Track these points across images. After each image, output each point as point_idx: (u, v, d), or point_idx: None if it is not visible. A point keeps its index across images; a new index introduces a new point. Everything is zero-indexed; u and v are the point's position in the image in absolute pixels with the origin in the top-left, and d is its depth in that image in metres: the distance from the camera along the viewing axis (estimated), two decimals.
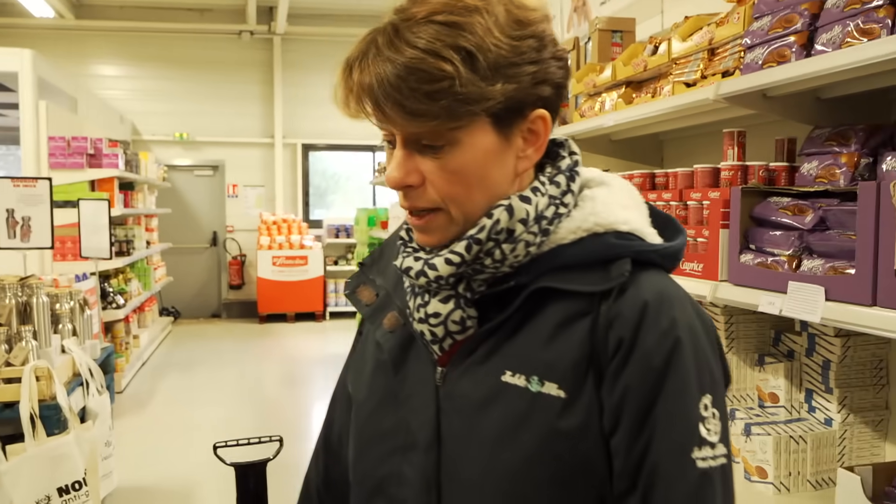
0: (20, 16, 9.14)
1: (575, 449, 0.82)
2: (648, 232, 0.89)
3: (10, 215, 3.60)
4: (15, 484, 2.52)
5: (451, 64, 0.77)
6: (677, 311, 0.83)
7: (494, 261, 0.85)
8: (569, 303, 0.84)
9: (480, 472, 0.84)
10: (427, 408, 0.88)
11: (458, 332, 0.87)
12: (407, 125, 0.80)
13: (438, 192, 0.83)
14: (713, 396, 0.82)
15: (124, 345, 6.30)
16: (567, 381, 0.82)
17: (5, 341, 2.77)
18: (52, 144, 5.86)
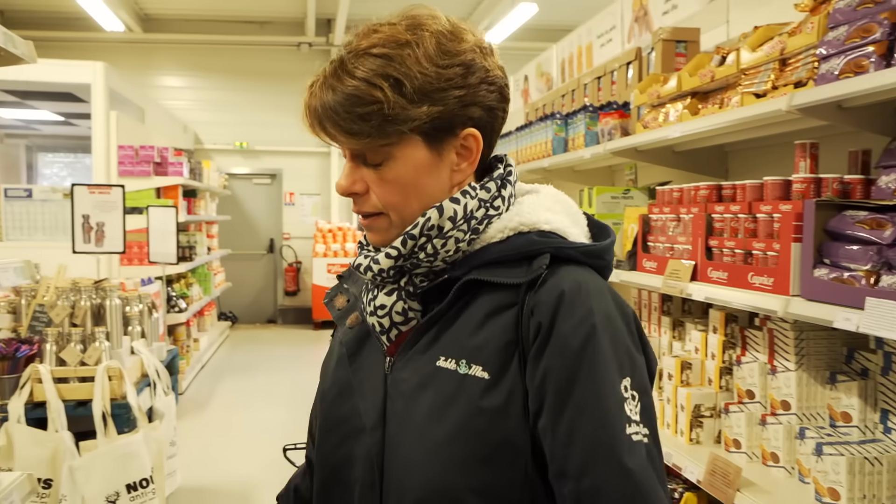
0: (92, 30, 9.51)
1: (496, 426, 0.88)
2: (572, 232, 0.98)
3: (86, 221, 3.76)
4: (87, 479, 2.62)
5: (381, 90, 0.88)
6: (594, 301, 0.90)
7: (427, 255, 0.94)
8: (498, 294, 0.93)
9: (414, 448, 0.92)
10: (375, 393, 0.97)
11: (401, 322, 0.97)
12: (346, 142, 0.93)
13: (379, 199, 0.95)
14: (632, 379, 0.89)
15: (185, 348, 6.47)
16: (491, 364, 0.90)
17: (80, 342, 2.88)
18: (122, 153, 6.07)
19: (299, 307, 10.43)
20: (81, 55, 8.72)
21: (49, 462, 2.60)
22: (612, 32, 4.20)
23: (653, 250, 2.45)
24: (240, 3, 9.64)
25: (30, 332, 3.08)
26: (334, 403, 1.03)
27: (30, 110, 8.39)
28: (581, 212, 1.04)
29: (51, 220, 5.71)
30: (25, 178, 10.88)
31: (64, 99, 7.48)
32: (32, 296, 3.21)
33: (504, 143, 4.38)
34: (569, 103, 3.89)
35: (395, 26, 0.93)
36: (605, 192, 2.90)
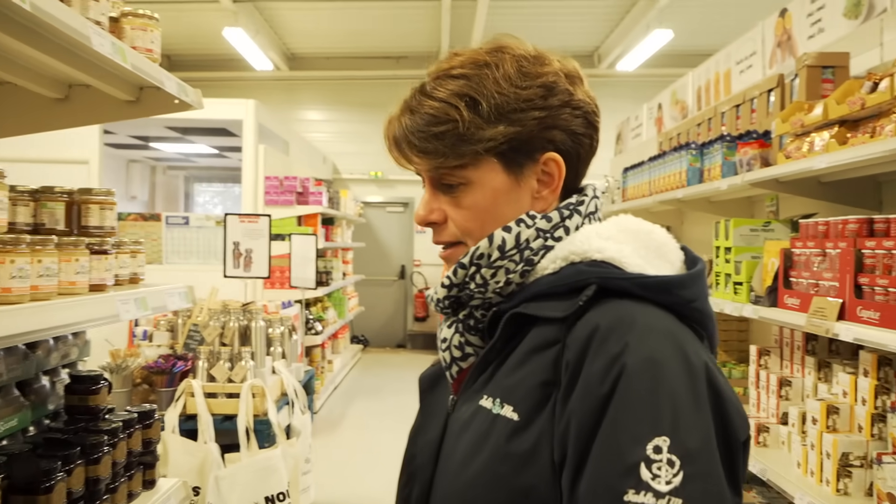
0: (245, 69, 10.27)
1: (522, 475, 0.79)
2: (632, 262, 0.85)
3: (237, 247, 4.05)
4: (231, 489, 2.79)
5: (457, 109, 0.87)
6: (636, 339, 0.77)
7: (477, 285, 0.89)
8: (543, 329, 0.84)
9: (447, 491, 0.87)
10: (435, 432, 0.95)
11: (460, 358, 0.93)
12: (421, 163, 0.91)
13: (457, 227, 0.92)
14: (672, 441, 0.72)
15: (320, 369, 6.76)
16: (522, 405, 0.81)
17: (228, 360, 3.09)
18: (268, 183, 6.48)
19: (428, 333, 10.63)
20: (235, 93, 9.43)
21: (198, 471, 2.79)
22: (753, 58, 4.06)
23: (795, 286, 2.34)
24: (378, 39, 10.10)
25: (185, 349, 3.35)
26: (410, 441, 1.01)
27: (189, 144, 9.16)
28: (676, 245, 0.92)
29: (204, 245, 6.17)
30: (183, 206, 11.84)
31: (218, 134, 8.11)
32: (188, 316, 3.49)
33: (636, 174, 4.31)
34: (705, 132, 3.78)
35: (476, 50, 0.93)
36: (743, 225, 2.79)
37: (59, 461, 1.22)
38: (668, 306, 0.83)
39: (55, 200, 1.47)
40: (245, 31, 8.29)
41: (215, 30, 8.51)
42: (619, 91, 10.36)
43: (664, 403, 0.74)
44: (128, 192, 10.44)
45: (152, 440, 1.60)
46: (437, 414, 0.97)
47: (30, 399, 1.45)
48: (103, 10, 1.40)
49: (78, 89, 1.75)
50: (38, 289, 1.16)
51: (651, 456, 0.72)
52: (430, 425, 0.96)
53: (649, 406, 0.74)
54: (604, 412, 0.74)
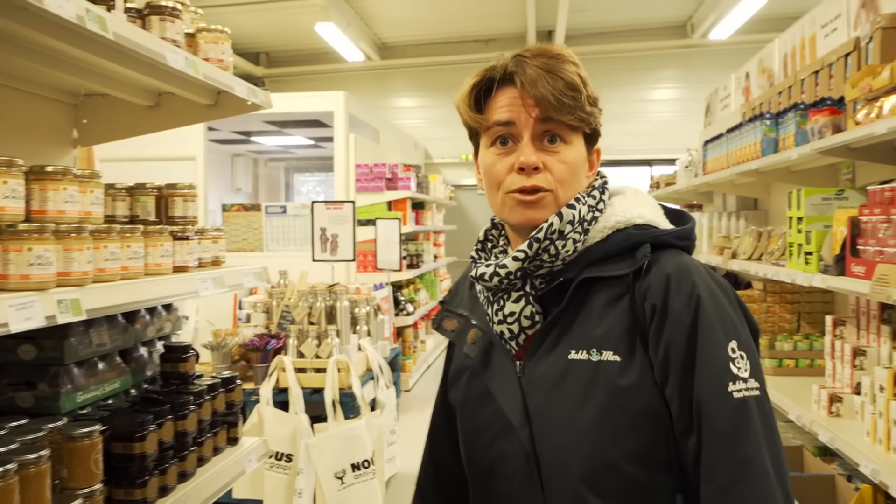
0: (336, 62, 10.63)
1: (636, 400, 1.00)
2: (661, 222, 1.10)
3: (323, 233, 4.30)
4: (320, 456, 3.03)
5: (582, 83, 1.08)
6: (696, 277, 1.02)
7: (550, 255, 1.06)
8: (609, 287, 1.05)
9: (567, 434, 1.02)
10: (514, 395, 1.08)
11: (528, 327, 1.08)
12: (553, 112, 1.06)
13: (555, 175, 1.08)
14: (737, 341, 1.00)
15: (413, 348, 7.00)
16: (619, 347, 1.02)
17: (316, 337, 3.33)
18: (358, 171, 6.75)
19: None
20: (329, 85, 9.81)
21: (290, 439, 3.05)
22: (837, 21, 3.90)
23: (862, 254, 2.31)
24: (465, 23, 10.20)
25: (278, 328, 3.62)
26: (474, 412, 1.14)
27: (286, 137, 9.61)
28: (657, 202, 1.17)
29: (301, 232, 6.51)
30: (283, 196, 12.42)
31: (313, 125, 8.47)
32: (281, 298, 3.76)
33: (716, 146, 4.25)
34: (785, 100, 3.69)
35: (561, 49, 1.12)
36: (814, 194, 2.75)
37: (152, 416, 1.43)
38: (687, 249, 1.10)
39: (146, 195, 1.70)
40: (336, 25, 8.59)
41: (308, 25, 8.86)
42: (713, 61, 10.04)
43: (726, 317, 1.01)
44: (233, 185, 11.06)
45: (235, 402, 1.81)
46: (507, 380, 1.09)
47: (130, 366, 1.69)
48: (179, 29, 1.60)
49: (165, 97, 1.98)
50: (127, 269, 1.37)
51: (731, 355, 0.99)
52: (504, 392, 1.09)
53: (719, 322, 1.00)
54: (695, 334, 0.99)
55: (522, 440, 1.06)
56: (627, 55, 10.57)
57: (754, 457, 0.94)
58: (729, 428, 0.95)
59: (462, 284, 1.28)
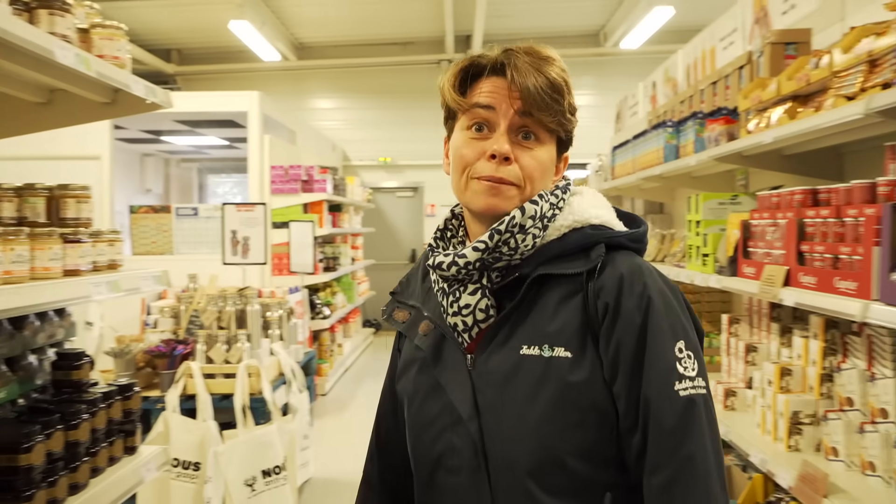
0: (252, 61, 10.43)
1: (585, 396, 1.02)
2: (616, 223, 1.14)
3: (234, 236, 4.21)
4: (229, 463, 2.97)
5: (566, 88, 1.11)
6: (647, 279, 1.06)
7: (510, 248, 1.07)
8: (563, 285, 1.07)
9: (516, 428, 1.04)
10: (464, 388, 1.09)
11: (482, 320, 1.09)
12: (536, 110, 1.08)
13: (525, 170, 1.09)
14: (685, 341, 1.04)
15: (329, 352, 6.93)
16: (571, 344, 1.04)
17: (225, 342, 3.26)
18: (273, 173, 6.64)
19: None
20: (245, 85, 9.60)
21: (198, 447, 2.97)
22: (734, 35, 4.11)
23: (752, 256, 2.44)
24: (384, 26, 10.19)
25: (187, 333, 3.52)
26: (423, 405, 1.14)
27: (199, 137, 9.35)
28: (611, 206, 1.20)
29: (215, 235, 6.35)
30: (197, 197, 12.06)
31: (227, 125, 8.27)
32: (190, 302, 3.66)
33: (623, 151, 4.40)
34: (687, 109, 3.86)
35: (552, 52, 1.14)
36: (711, 199, 2.89)
37: (39, 426, 1.37)
38: (638, 251, 1.13)
39: (36, 196, 1.62)
40: (251, 24, 8.42)
41: (222, 22, 8.65)
42: (625, 69, 10.38)
43: (675, 318, 1.05)
44: (143, 186, 10.67)
45: (133, 410, 1.75)
46: (455, 374, 1.10)
47: (18, 374, 1.61)
48: (70, 24, 1.54)
49: (58, 94, 1.90)
50: (10, 273, 1.31)
51: (678, 355, 1.02)
52: (453, 385, 1.10)
53: (668, 323, 1.03)
54: (645, 334, 1.02)
55: (471, 433, 1.07)
56: None
57: (698, 454, 0.98)
58: (675, 426, 0.98)
59: (414, 276, 1.27)
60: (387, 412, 1.33)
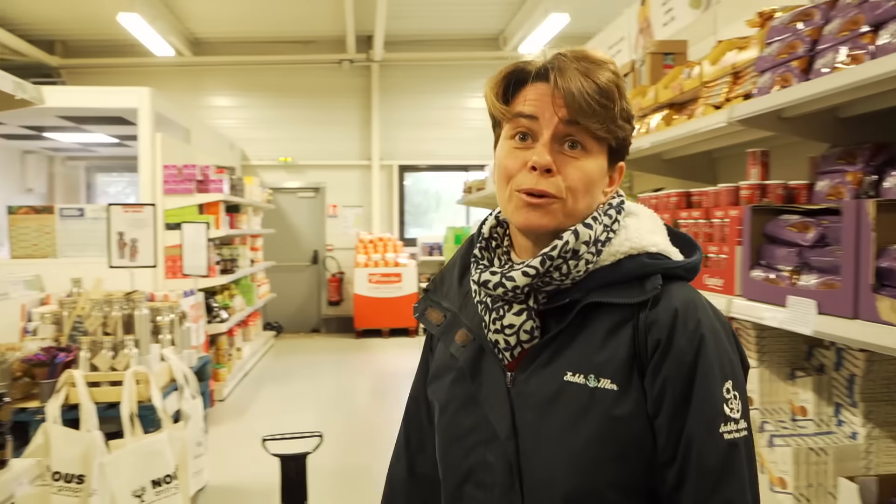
0: (143, 55, 10.02)
1: (628, 430, 1.00)
2: (672, 251, 1.09)
3: (121, 237, 4.05)
4: (116, 474, 2.86)
5: (617, 93, 1.04)
6: (701, 315, 1.02)
7: (561, 274, 1.03)
8: (614, 313, 1.03)
9: (555, 454, 1.02)
10: (502, 406, 1.06)
11: (526, 340, 1.06)
12: (582, 117, 1.01)
13: (567, 181, 1.03)
14: (733, 381, 1.02)
15: (227, 356, 6.76)
16: (617, 376, 1.01)
17: (111, 349, 3.13)
18: (166, 172, 6.42)
19: (342, 316, 10.71)
20: (137, 79, 9.21)
21: (82, 459, 2.84)
22: (622, 44, 4.30)
23: None
24: (284, 24, 10.01)
25: (70, 340, 3.36)
26: (457, 416, 1.12)
27: (86, 134, 8.91)
28: (664, 225, 1.15)
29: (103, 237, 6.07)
30: (85, 197, 11.48)
31: (116, 122, 7.92)
32: (73, 308, 3.49)
33: None
34: None
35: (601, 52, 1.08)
36: None
37: None
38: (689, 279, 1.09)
39: None
40: (142, 17, 8.09)
41: (111, 14, 8.27)
42: None
43: (724, 356, 1.02)
44: (23, 185, 10.06)
45: (1, 423, 1.67)
46: (494, 390, 1.08)
47: None
48: None
49: None
50: None
51: (725, 396, 1.00)
52: (492, 400, 1.07)
53: (718, 361, 1.01)
54: (695, 372, 0.99)
55: (507, 452, 1.05)
56: (445, 64, 10.90)
57: (737, 499, 0.98)
58: (716, 469, 0.97)
59: (449, 274, 1.22)
60: (417, 413, 1.29)
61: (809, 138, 1.89)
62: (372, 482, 4.61)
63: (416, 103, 10.94)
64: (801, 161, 2.10)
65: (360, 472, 4.78)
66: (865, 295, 1.34)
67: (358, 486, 4.52)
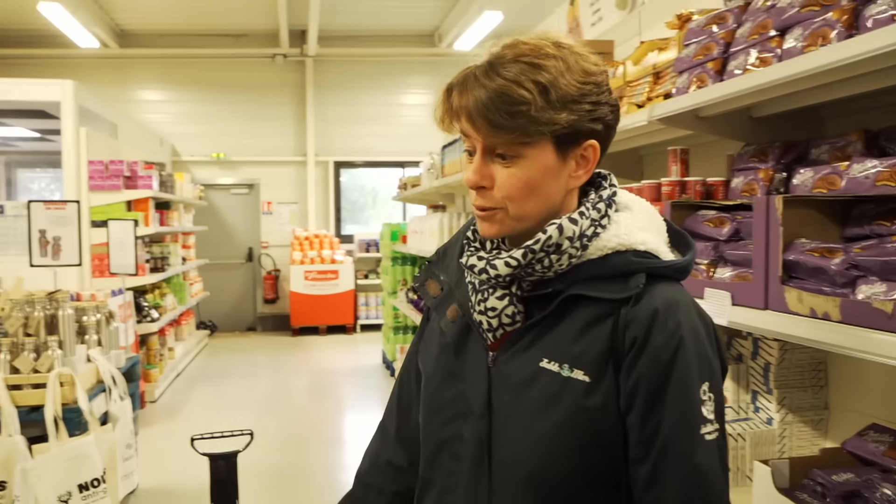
0: (66, 46, 9.65)
1: (595, 422, 1.02)
2: (663, 250, 1.08)
3: (43, 235, 3.91)
4: (40, 480, 2.77)
5: (530, 93, 0.98)
6: (682, 315, 1.02)
7: (543, 267, 1.05)
8: (595, 307, 1.04)
9: (522, 436, 1.05)
10: (481, 383, 1.10)
11: (508, 324, 1.08)
12: (491, 136, 1.01)
13: (503, 193, 1.04)
14: (710, 383, 1.02)
15: (159, 356, 6.60)
16: (591, 369, 1.02)
17: (34, 350, 3.03)
18: (92, 168, 6.21)
19: (278, 314, 10.58)
20: (55, 72, 8.85)
21: (2, 465, 2.74)
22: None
23: None
24: (215, 17, 9.80)
25: None
26: (439, 388, 1.16)
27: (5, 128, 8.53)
28: (663, 221, 1.14)
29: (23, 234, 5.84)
30: (6, 194, 11.00)
31: (37, 116, 7.62)
32: None
33: (451, 150, 4.55)
34: None
35: (541, 42, 1.02)
36: None
37: None
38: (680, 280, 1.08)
39: None
40: (63, 6, 7.79)
41: (31, 3, 7.94)
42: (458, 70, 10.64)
43: (702, 358, 1.02)
44: None
45: None
46: (476, 367, 1.11)
47: None
48: None
49: None
50: None
51: (702, 397, 1.00)
52: (473, 377, 1.11)
53: (696, 363, 1.01)
54: (670, 372, 0.99)
55: (480, 429, 1.09)
56: (381, 60, 10.86)
57: (713, 498, 0.99)
58: (691, 471, 0.98)
59: (451, 249, 1.23)
60: (410, 374, 1.32)
61: (725, 137, 1.97)
62: (308, 480, 4.59)
63: (352, 99, 10.88)
64: (720, 158, 2.19)
65: (296, 470, 4.75)
66: (775, 287, 1.41)
67: (293, 484, 4.49)
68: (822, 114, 1.93)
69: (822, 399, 1.99)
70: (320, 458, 5.07)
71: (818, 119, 1.94)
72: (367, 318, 10.32)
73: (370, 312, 10.31)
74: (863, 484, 1.50)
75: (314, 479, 4.65)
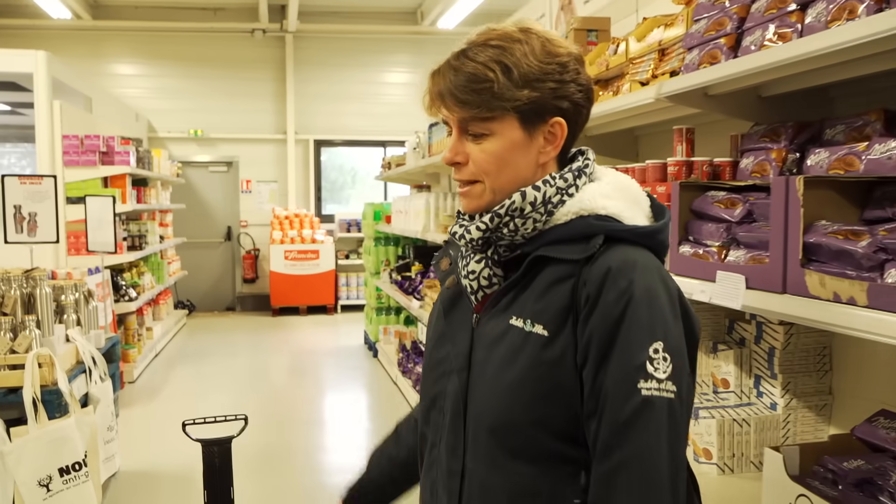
0: (37, 17, 9.37)
1: (552, 373, 1.08)
2: (626, 216, 1.13)
3: (18, 211, 3.78)
4: (18, 464, 2.68)
5: (493, 72, 1.08)
6: (637, 275, 1.06)
7: (510, 230, 1.13)
8: (559, 267, 1.11)
9: (489, 388, 1.13)
10: (464, 342, 1.20)
11: (487, 286, 1.18)
12: (458, 110, 1.12)
13: (477, 167, 1.13)
14: (665, 343, 1.04)
15: (137, 336, 6.49)
16: (550, 324, 1.09)
17: (10, 330, 2.93)
18: (66, 143, 6.04)
19: (258, 294, 10.46)
20: (26, 44, 8.59)
21: None
22: (542, 20, 4.30)
23: None
24: None
25: None
26: (434, 349, 1.27)
27: None
28: (646, 196, 1.19)
29: None
30: None
31: (8, 88, 7.39)
32: None
33: (439, 129, 4.47)
34: None
35: (510, 28, 1.12)
36: None
37: None
38: (649, 247, 1.12)
39: None
40: None
41: None
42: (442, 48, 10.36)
43: (657, 319, 1.04)
44: None
45: None
46: (462, 328, 1.21)
47: None
48: None
49: None
50: None
51: (652, 355, 1.02)
52: (458, 337, 1.21)
53: (647, 322, 1.03)
54: (618, 328, 1.03)
55: (459, 384, 1.18)
56: (362, 37, 10.69)
57: (647, 453, 1.00)
58: (628, 421, 1.01)
59: None
60: None
61: (733, 116, 1.92)
62: (288, 460, 4.53)
63: (333, 76, 10.70)
64: (721, 139, 2.14)
65: (276, 450, 4.69)
66: (794, 270, 1.37)
67: (276, 465, 4.43)
68: (831, 93, 1.89)
69: (826, 384, 1.97)
70: (300, 438, 5.01)
71: (827, 99, 1.90)
72: (349, 298, 10.24)
73: (351, 293, 10.23)
74: (875, 471, 1.48)
75: (294, 459, 4.59)
